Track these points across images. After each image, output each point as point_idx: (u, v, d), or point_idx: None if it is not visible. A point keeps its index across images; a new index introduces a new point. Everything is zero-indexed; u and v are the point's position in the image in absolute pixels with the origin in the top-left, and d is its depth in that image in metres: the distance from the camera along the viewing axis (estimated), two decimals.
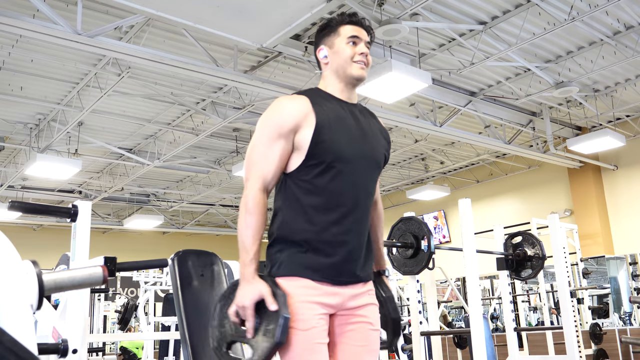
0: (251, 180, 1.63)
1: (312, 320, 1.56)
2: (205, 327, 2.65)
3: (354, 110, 1.76)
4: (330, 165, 1.64)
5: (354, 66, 1.73)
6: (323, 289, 1.60)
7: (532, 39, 6.09)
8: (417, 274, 3.92)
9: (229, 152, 9.63)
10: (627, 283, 8.21)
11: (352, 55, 1.72)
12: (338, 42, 1.74)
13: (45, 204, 2.42)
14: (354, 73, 1.73)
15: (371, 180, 1.76)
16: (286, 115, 1.64)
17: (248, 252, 1.56)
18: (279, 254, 1.63)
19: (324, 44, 1.77)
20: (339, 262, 1.63)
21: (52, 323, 2.13)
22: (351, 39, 1.73)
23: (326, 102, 1.71)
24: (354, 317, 1.66)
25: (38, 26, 4.66)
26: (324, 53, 1.76)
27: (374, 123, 1.83)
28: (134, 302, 6.86)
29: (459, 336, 6.64)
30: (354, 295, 1.66)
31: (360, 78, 1.74)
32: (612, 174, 9.47)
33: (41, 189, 10.93)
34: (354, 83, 1.76)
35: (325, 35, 1.77)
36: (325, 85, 1.77)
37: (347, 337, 1.66)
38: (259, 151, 1.65)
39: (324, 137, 1.63)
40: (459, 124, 8.56)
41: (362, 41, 1.75)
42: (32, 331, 1.03)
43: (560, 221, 5.09)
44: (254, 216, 1.58)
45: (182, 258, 2.81)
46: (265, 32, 4.87)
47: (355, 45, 1.74)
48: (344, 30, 1.74)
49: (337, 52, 1.73)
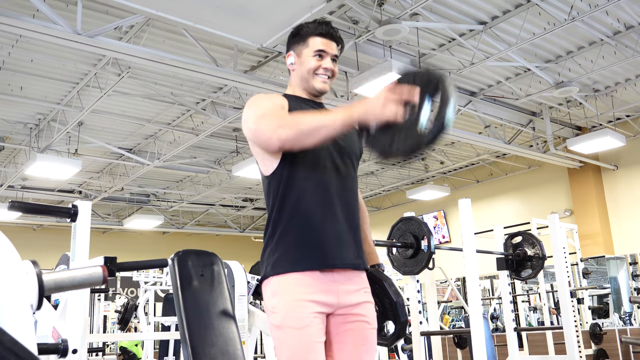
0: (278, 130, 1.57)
1: (306, 319, 1.57)
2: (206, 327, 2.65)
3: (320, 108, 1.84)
4: (306, 159, 1.67)
5: (316, 79, 1.79)
6: (316, 284, 1.61)
7: (532, 39, 6.09)
8: (417, 274, 3.92)
9: (229, 152, 9.63)
10: (627, 283, 8.21)
11: (315, 68, 1.78)
12: (305, 53, 1.80)
13: (45, 204, 2.42)
14: (316, 86, 1.79)
15: (350, 167, 1.79)
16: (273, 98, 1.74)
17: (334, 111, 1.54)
18: (271, 254, 1.66)
19: (292, 50, 1.83)
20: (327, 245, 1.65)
21: (52, 323, 2.13)
22: (318, 52, 1.78)
23: (293, 100, 1.78)
24: (350, 316, 1.67)
25: (38, 26, 4.66)
26: (291, 60, 1.83)
27: None
28: (134, 302, 6.86)
29: (459, 336, 6.64)
30: (349, 292, 1.67)
31: (321, 91, 1.81)
32: (612, 174, 9.47)
33: (41, 189, 10.92)
34: (315, 94, 1.83)
35: (295, 42, 1.83)
36: (292, 90, 1.85)
37: (345, 336, 1.67)
38: (266, 111, 1.65)
39: None
40: (459, 124, 8.57)
41: (328, 55, 1.80)
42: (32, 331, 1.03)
43: (560, 221, 5.08)
44: (303, 120, 1.56)
45: (182, 258, 2.81)
46: (265, 32, 4.87)
47: (321, 59, 1.79)
48: (313, 42, 1.79)
49: (303, 63, 1.80)
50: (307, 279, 1.61)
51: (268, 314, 1.67)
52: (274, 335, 1.63)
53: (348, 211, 1.72)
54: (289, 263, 1.62)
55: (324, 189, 1.68)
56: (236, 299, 3.51)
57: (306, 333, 1.56)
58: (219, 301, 2.79)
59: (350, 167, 1.79)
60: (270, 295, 1.65)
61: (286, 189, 1.67)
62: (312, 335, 1.57)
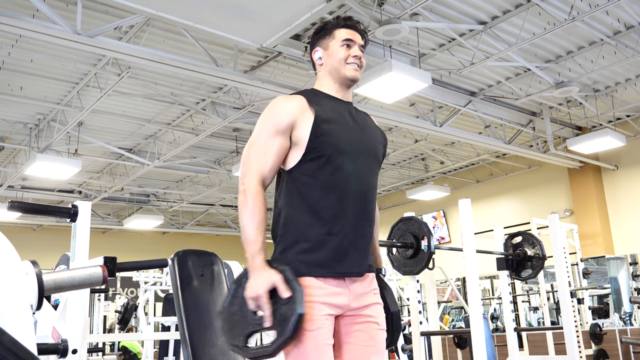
0: (249, 174, 1.65)
1: (319, 321, 1.57)
2: (206, 326, 2.65)
3: (349, 108, 1.82)
4: (331, 158, 1.67)
5: (347, 67, 1.79)
6: (329, 288, 1.61)
7: (532, 39, 6.09)
8: (417, 274, 3.92)
9: (229, 152, 9.63)
10: (628, 283, 8.21)
11: (345, 57, 1.79)
12: (333, 45, 1.80)
13: (45, 204, 2.42)
14: (348, 74, 1.79)
15: (372, 173, 1.79)
16: (283, 113, 1.69)
17: (255, 243, 1.58)
18: (283, 254, 1.64)
19: (319, 46, 1.83)
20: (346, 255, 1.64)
21: (52, 323, 2.13)
22: (345, 42, 1.79)
23: (322, 99, 1.76)
24: (360, 317, 1.67)
25: (38, 26, 4.65)
26: (319, 55, 1.83)
27: (369, 120, 1.89)
28: (134, 302, 6.86)
29: (459, 336, 6.64)
30: (359, 295, 1.67)
31: (353, 79, 1.80)
32: (612, 174, 9.47)
33: (41, 189, 10.92)
34: (347, 84, 1.81)
35: (320, 37, 1.84)
36: (320, 85, 1.83)
37: (354, 338, 1.66)
38: (257, 147, 1.68)
39: (323, 130, 1.67)
40: (459, 124, 8.56)
41: (355, 44, 1.81)
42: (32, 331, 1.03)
43: (560, 221, 5.08)
44: (255, 208, 1.60)
45: (182, 258, 2.81)
46: (265, 32, 4.87)
47: (349, 48, 1.80)
48: (339, 33, 1.81)
49: (332, 55, 1.80)
50: (320, 282, 1.60)
51: None
52: None
53: (365, 218, 1.71)
54: (303, 266, 1.61)
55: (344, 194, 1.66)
56: None
57: (318, 335, 1.55)
58: (219, 301, 2.79)
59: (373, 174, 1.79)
60: None
61: (306, 189, 1.66)
62: (323, 338, 1.57)
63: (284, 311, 1.52)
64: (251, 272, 1.57)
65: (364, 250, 1.71)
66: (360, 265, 1.68)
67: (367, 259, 1.72)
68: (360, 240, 1.68)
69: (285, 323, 1.51)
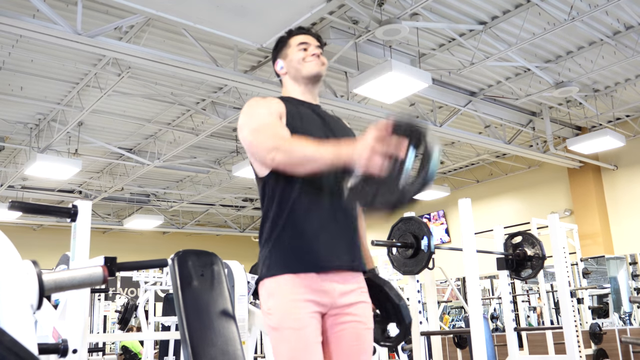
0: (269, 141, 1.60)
1: (304, 319, 1.56)
2: (206, 327, 2.65)
3: (317, 109, 1.85)
4: None
5: (307, 65, 1.83)
6: (312, 284, 1.60)
7: (532, 39, 6.09)
8: (417, 274, 3.92)
9: (229, 152, 9.63)
10: (627, 283, 8.21)
11: (303, 57, 1.84)
12: (290, 52, 1.87)
13: (45, 204, 2.42)
14: (310, 70, 1.83)
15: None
16: (270, 104, 1.74)
17: (327, 147, 1.50)
18: (267, 255, 1.66)
19: (279, 57, 1.90)
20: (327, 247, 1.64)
21: (52, 323, 2.13)
22: (301, 45, 1.86)
23: (291, 103, 1.80)
24: (344, 315, 1.66)
25: (38, 26, 4.66)
26: (280, 64, 1.89)
27: (339, 121, 1.93)
28: (134, 302, 6.86)
29: (459, 336, 6.64)
30: (344, 292, 1.66)
31: (317, 74, 1.84)
32: (612, 174, 9.47)
33: (41, 189, 10.92)
34: (312, 81, 1.85)
35: (278, 50, 1.91)
36: (287, 92, 1.88)
37: (338, 337, 1.66)
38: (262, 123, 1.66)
39: (296, 125, 1.70)
40: (459, 124, 8.56)
41: (311, 45, 1.87)
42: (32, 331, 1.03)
43: (560, 221, 5.08)
44: (299, 144, 1.56)
45: (182, 258, 2.81)
46: (265, 32, 4.87)
47: (306, 50, 1.85)
48: (294, 40, 1.88)
49: (292, 60, 1.86)
50: (303, 280, 1.60)
51: (264, 316, 1.65)
52: (272, 337, 1.62)
53: (346, 213, 1.71)
54: (285, 265, 1.62)
55: (321, 191, 1.67)
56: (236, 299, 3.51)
57: (305, 334, 1.55)
58: (219, 301, 2.79)
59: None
60: (266, 297, 1.64)
61: (282, 190, 1.67)
62: (310, 336, 1.56)
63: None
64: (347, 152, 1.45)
65: (348, 242, 1.70)
66: (342, 259, 1.67)
67: (351, 254, 1.70)
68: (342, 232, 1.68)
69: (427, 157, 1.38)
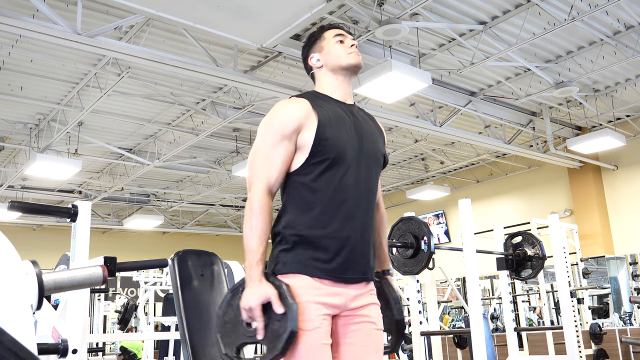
0: (256, 183, 1.64)
1: (316, 321, 1.56)
2: (206, 326, 2.65)
3: (351, 110, 1.81)
4: (334, 162, 1.66)
5: (348, 56, 1.82)
6: (326, 288, 1.60)
7: (532, 39, 6.09)
8: (417, 274, 3.92)
9: (229, 152, 9.63)
10: (627, 283, 8.21)
11: (345, 48, 1.83)
12: (326, 44, 1.84)
13: (45, 204, 2.42)
14: (351, 61, 1.82)
15: (373, 177, 1.79)
16: (288, 117, 1.68)
17: (254, 253, 1.57)
18: (283, 252, 1.64)
19: (313, 52, 1.87)
20: (345, 258, 1.63)
21: (52, 323, 2.13)
22: (337, 37, 1.84)
23: (324, 102, 1.76)
24: (356, 317, 1.66)
25: (38, 26, 4.65)
26: (316, 58, 1.85)
27: (371, 122, 1.88)
28: (134, 302, 6.86)
29: (459, 336, 6.64)
30: (356, 296, 1.66)
31: (357, 65, 1.83)
32: (612, 174, 9.47)
33: (41, 189, 10.92)
34: (352, 72, 1.84)
35: (311, 44, 1.88)
36: (321, 87, 1.84)
37: (350, 338, 1.66)
38: (263, 154, 1.67)
39: (327, 135, 1.66)
40: (459, 124, 8.56)
41: (347, 37, 1.86)
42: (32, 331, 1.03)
43: (560, 221, 5.08)
44: (260, 218, 1.59)
45: (182, 258, 2.81)
46: (265, 32, 4.87)
47: (343, 42, 1.84)
48: (328, 34, 1.86)
49: (329, 52, 1.83)
50: (317, 282, 1.60)
51: None
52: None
53: (366, 222, 1.71)
54: (302, 265, 1.61)
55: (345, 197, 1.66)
56: None
57: (316, 335, 1.55)
58: (219, 301, 2.79)
59: (374, 177, 1.79)
60: None
61: (307, 190, 1.66)
62: (321, 337, 1.56)
63: (277, 327, 1.51)
64: (247, 283, 1.57)
65: (365, 254, 1.69)
66: (359, 271, 1.67)
67: (367, 264, 1.70)
68: (359, 244, 1.67)
69: (277, 339, 1.50)
